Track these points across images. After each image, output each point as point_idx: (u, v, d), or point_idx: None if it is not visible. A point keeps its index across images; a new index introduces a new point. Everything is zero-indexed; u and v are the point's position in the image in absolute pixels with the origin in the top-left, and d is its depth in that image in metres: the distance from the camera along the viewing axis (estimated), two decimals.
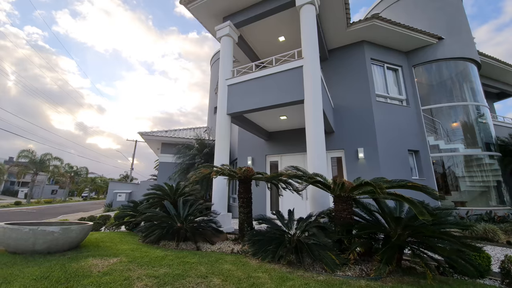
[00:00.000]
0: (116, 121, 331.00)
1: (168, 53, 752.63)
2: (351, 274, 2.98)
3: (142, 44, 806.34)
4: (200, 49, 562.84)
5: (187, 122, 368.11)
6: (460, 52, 8.60)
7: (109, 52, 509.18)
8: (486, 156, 7.85)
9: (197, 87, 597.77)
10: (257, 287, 2.45)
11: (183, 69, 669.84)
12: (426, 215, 2.44)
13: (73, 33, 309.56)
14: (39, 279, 2.22)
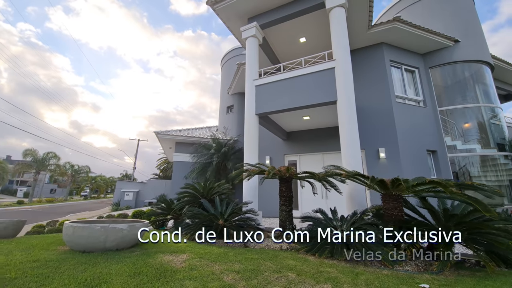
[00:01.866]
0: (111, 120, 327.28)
1: (164, 51, 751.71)
2: (410, 269, 3.12)
3: (137, 42, 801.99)
4: (196, 47, 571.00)
5: (183, 121, 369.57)
6: (475, 54, 8.83)
7: (103, 50, 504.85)
8: (501, 156, 8.10)
9: (193, 86, 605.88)
10: (333, 281, 2.57)
11: (178, 67, 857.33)
12: (492, 212, 2.58)
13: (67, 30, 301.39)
14: (133, 275, 2.30)
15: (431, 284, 2.58)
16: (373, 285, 2.50)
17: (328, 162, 9.17)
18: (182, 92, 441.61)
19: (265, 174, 4.42)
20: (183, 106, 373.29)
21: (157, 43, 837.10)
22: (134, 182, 20.79)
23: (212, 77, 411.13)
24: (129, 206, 18.13)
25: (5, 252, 2.85)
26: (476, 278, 2.73)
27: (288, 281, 2.51)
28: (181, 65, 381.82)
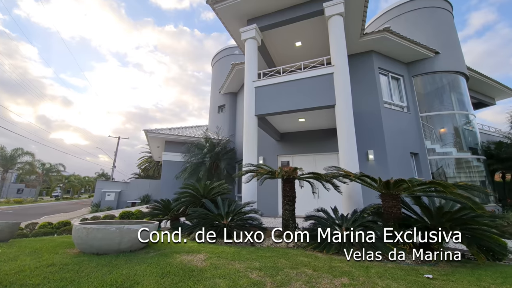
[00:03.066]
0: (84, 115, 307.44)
1: (143, 45, 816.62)
2: (409, 262, 3.42)
3: (113, 34, 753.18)
4: (178, 43, 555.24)
5: (163, 118, 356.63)
6: (453, 65, 9.67)
7: (76, 40, 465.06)
8: (474, 159, 8.96)
9: (174, 82, 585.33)
10: (348, 274, 2.76)
11: (159, 62, 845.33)
12: (484, 210, 2.93)
13: (36, 17, 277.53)
14: (162, 275, 2.31)
15: (433, 274, 2.87)
16: (384, 276, 2.72)
17: (319, 163, 9.52)
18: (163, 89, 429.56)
19: (276, 174, 4.54)
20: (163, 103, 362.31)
21: (136, 37, 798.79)
22: (116, 182, 19.88)
23: (194, 74, 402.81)
24: (110, 207, 17.33)
25: (11, 257, 2.69)
26: (469, 269, 3.07)
27: (308, 276, 2.65)
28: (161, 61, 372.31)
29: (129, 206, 18.28)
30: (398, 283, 2.56)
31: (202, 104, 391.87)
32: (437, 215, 3.70)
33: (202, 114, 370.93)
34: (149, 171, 31.39)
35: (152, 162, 31.52)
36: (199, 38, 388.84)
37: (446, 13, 10.31)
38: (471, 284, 2.55)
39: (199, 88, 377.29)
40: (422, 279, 2.71)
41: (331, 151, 9.02)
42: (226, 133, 12.24)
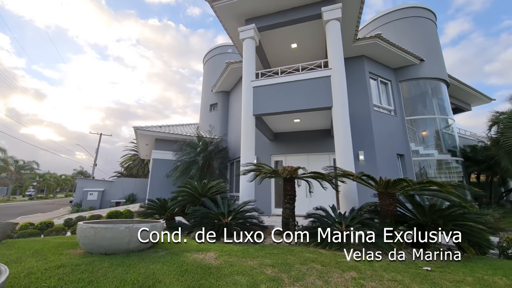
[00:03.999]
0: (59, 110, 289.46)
1: (125, 38, 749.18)
2: (407, 257, 3.65)
3: (92, 25, 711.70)
4: (162, 38, 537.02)
5: (146, 115, 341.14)
6: (436, 73, 10.31)
7: (51, 29, 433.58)
8: (453, 161, 9.62)
9: (158, 78, 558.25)
10: (355, 268, 2.91)
11: (141, 57, 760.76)
12: (474, 208, 3.20)
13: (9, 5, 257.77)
14: (182, 273, 2.30)
15: (430, 267, 3.09)
16: (388, 269, 2.90)
17: (312, 163, 9.75)
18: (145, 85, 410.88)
19: (280, 173, 4.62)
20: (145, 99, 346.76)
21: (117, 29, 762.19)
22: (99, 181, 19.04)
23: (179, 71, 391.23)
24: (92, 206, 16.61)
25: (14, 260, 2.55)
26: (461, 262, 3.33)
27: (319, 271, 2.76)
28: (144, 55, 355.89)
29: (113, 205, 17.61)
30: (402, 275, 2.75)
31: (187, 102, 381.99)
32: (429, 212, 3.97)
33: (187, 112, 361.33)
34: (132, 170, 30.34)
35: (136, 160, 30.50)
36: (185, 34, 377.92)
37: (430, 23, 10.96)
38: (466, 275, 2.79)
39: (184, 85, 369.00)
40: (422, 271, 2.92)
41: (324, 152, 9.29)
42: (218, 132, 12.17)
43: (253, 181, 6.45)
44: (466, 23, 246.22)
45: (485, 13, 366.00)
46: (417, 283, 2.54)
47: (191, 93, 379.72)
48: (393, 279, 2.62)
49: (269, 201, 9.39)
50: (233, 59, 13.19)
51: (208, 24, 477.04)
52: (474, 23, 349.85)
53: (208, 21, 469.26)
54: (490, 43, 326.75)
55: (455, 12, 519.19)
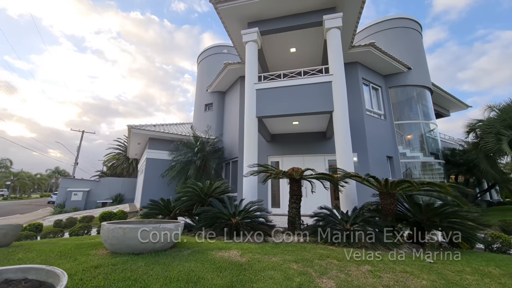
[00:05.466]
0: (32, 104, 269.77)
1: (104, 30, 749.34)
2: (408, 251, 4.00)
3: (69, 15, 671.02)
4: (145, 32, 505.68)
5: (127, 112, 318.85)
6: (422, 80, 11.05)
7: (24, 19, 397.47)
8: (436, 163, 10.38)
9: (140, 74, 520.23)
10: (369, 262, 3.17)
11: (122, 51, 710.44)
12: (469, 206, 3.60)
13: None
14: (219, 270, 2.42)
15: (431, 259, 3.44)
16: (397, 262, 3.20)
17: (308, 164, 10.01)
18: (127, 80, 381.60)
19: (292, 174, 4.82)
20: (127, 95, 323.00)
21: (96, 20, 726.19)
22: (84, 180, 18.24)
23: (163, 67, 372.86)
24: (77, 207, 15.92)
25: (42, 263, 2.52)
26: (456, 255, 3.72)
27: (337, 266, 2.99)
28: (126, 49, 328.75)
29: (99, 206, 17.00)
30: (410, 267, 3.05)
31: (171, 100, 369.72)
32: (426, 211, 4.36)
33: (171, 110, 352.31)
34: (117, 169, 29.27)
35: (120, 159, 29.47)
36: (169, 29, 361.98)
37: (417, 34, 11.72)
38: (464, 266, 3.15)
39: (168, 82, 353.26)
40: (426, 263, 3.25)
41: (319, 153, 9.66)
42: (214, 132, 12.18)
43: (255, 181, 6.64)
44: (442, 32, 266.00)
45: (461, 22, 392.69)
46: (425, 273, 2.84)
47: (176, 90, 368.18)
48: (404, 271, 2.90)
49: (266, 201, 9.58)
50: (229, 59, 13.24)
51: (193, 21, 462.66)
52: (450, 32, 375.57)
53: (193, 17, 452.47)
54: (464, 52, 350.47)
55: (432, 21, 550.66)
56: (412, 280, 2.64)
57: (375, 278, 2.65)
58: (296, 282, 2.31)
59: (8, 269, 1.70)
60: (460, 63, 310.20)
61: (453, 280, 2.68)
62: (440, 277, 2.77)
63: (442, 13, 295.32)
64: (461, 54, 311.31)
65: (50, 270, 1.69)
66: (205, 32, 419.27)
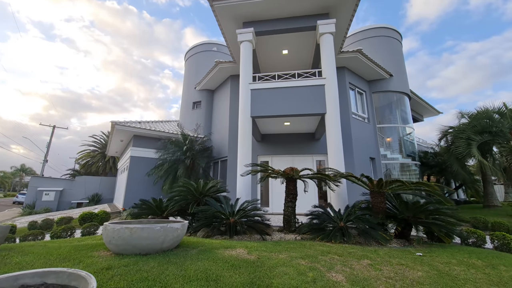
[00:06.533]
0: None
1: (76, 18, 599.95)
2: (397, 245, 4.30)
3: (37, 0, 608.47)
4: (122, 23, 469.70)
5: (101, 107, 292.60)
6: (401, 87, 11.82)
7: None
8: (412, 164, 11.17)
9: (116, 67, 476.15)
10: (367, 257, 3.38)
11: (96, 41, 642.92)
12: (451, 203, 3.97)
13: None
14: (233, 268, 2.45)
15: (420, 252, 3.75)
16: (392, 256, 3.44)
17: (297, 164, 10.21)
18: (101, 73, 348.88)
19: (291, 174, 4.93)
20: (101, 89, 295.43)
21: (67, 7, 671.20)
22: (56, 179, 16.97)
23: (141, 61, 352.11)
24: (48, 208, 14.80)
25: (45, 267, 2.38)
26: (440, 248, 4.08)
27: (340, 261, 3.15)
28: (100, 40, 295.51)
29: (74, 207, 15.97)
30: (404, 260, 3.30)
31: (149, 95, 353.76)
32: (412, 208, 4.72)
33: (149, 106, 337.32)
34: (91, 167, 27.61)
35: (96, 157, 27.86)
36: (149, 22, 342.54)
37: (398, 43, 12.51)
38: (449, 258, 3.48)
39: (146, 77, 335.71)
40: (417, 256, 3.54)
41: (307, 154, 9.93)
42: (202, 131, 12.01)
43: (249, 181, 6.69)
44: (414, 42, 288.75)
45: (432, 33, 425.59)
46: (418, 265, 3.10)
47: (155, 86, 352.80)
48: (399, 263, 3.14)
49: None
50: (219, 57, 13.13)
51: (175, 14, 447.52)
52: (422, 41, 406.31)
53: (174, 11, 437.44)
54: (434, 61, 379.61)
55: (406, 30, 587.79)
56: (409, 272, 2.87)
57: (377, 271, 2.84)
58: (309, 277, 2.42)
59: (24, 274, 1.60)
60: (430, 71, 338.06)
61: (443, 271, 2.95)
62: (432, 268, 3.04)
63: (415, 24, 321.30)
64: (430, 63, 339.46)
65: (72, 273, 1.62)
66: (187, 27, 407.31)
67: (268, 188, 9.93)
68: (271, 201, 9.74)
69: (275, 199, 9.74)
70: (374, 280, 2.56)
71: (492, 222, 6.02)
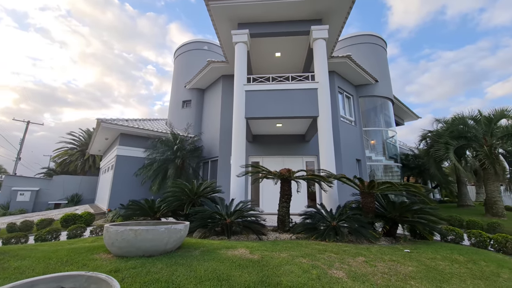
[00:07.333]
0: None
1: (52, 7, 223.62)
2: (385, 243, 4.57)
3: None
4: (102, 14, 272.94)
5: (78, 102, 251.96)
6: (386, 92, 12.42)
7: None
8: (395, 166, 11.79)
9: (95, 60, 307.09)
10: (361, 254, 3.58)
11: (73, 32, 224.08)
12: (433, 202, 4.29)
13: None
14: (241, 267, 2.53)
15: (408, 249, 4.02)
16: (383, 253, 3.67)
17: (287, 165, 10.39)
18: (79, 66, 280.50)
19: (282, 174, 5.04)
20: (78, 83, 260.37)
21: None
22: (32, 178, 15.94)
23: (123, 55, 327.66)
24: (23, 209, 13.89)
25: (48, 272, 2.30)
26: (424, 245, 4.40)
27: (338, 258, 3.32)
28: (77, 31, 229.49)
29: (51, 208, 15.11)
30: (395, 256, 3.54)
31: (131, 91, 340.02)
32: (399, 208, 5.03)
33: (130, 102, 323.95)
34: (69, 166, 26.18)
35: (74, 155, 26.45)
36: (132, 15, 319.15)
37: (383, 50, 13.13)
38: (434, 254, 3.77)
39: (128, 72, 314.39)
40: (405, 253, 3.80)
41: (298, 155, 10.16)
42: (192, 130, 11.86)
43: (243, 181, 6.76)
44: (395, 48, 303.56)
45: (411, 41, 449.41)
46: (408, 261, 3.34)
47: (137, 81, 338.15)
48: (391, 260, 3.37)
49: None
50: (210, 56, 13.03)
51: (159, 9, 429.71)
52: (401, 48, 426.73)
53: (159, 5, 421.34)
54: (412, 67, 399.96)
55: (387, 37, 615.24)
56: (401, 267, 3.09)
57: (372, 267, 3.04)
58: (314, 274, 2.54)
59: (40, 280, 1.57)
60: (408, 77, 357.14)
61: (430, 266, 3.21)
62: (420, 263, 3.29)
63: (395, 31, 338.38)
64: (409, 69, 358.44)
65: (91, 276, 1.61)
66: (173, 23, 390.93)
67: (258, 188, 10.03)
68: (261, 201, 9.84)
69: (265, 199, 9.87)
70: (372, 275, 2.74)
71: (467, 221, 6.54)
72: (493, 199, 8.58)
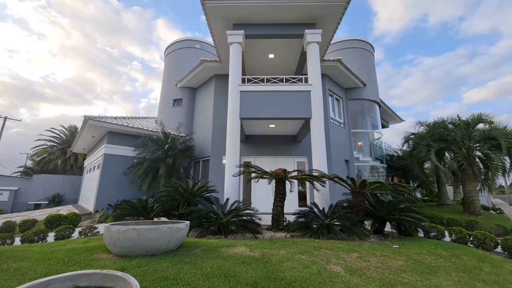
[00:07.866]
0: None
1: None
2: (375, 240, 4.82)
3: None
4: (83, 6, 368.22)
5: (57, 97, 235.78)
6: (373, 96, 12.92)
7: None
8: (381, 166, 12.30)
9: (76, 54, 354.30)
10: (354, 250, 3.76)
11: (53, 23, 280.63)
12: (420, 202, 4.58)
13: None
14: (245, 264, 2.61)
15: (396, 245, 4.27)
16: (375, 249, 3.88)
17: (279, 165, 10.50)
18: (58, 59, 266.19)
19: (277, 173, 5.15)
20: (57, 77, 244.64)
21: None
22: (10, 177, 15.06)
23: (106, 49, 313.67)
24: (2, 210, 13.13)
25: (49, 273, 2.26)
26: (410, 241, 4.68)
27: (333, 255, 3.48)
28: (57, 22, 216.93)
29: (31, 208, 14.38)
30: (386, 252, 3.76)
31: (115, 88, 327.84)
32: (387, 206, 5.30)
33: (114, 99, 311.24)
34: (49, 164, 24.95)
35: (55, 153, 25.23)
36: (117, 8, 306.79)
37: (371, 55, 13.64)
38: (420, 249, 4.04)
39: (112, 67, 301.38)
40: (394, 248, 4.03)
41: (289, 155, 10.35)
42: (184, 129, 11.73)
43: (237, 181, 6.82)
44: (380, 53, 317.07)
45: (395, 46, 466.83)
46: (398, 256, 3.57)
47: (122, 78, 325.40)
48: (382, 255, 3.58)
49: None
50: (202, 55, 12.93)
51: (145, 3, 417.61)
52: (386, 53, 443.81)
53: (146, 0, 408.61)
54: (395, 72, 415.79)
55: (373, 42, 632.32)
56: (392, 262, 3.30)
57: (366, 262, 3.22)
58: (314, 269, 2.67)
59: (55, 279, 1.57)
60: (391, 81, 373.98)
61: (418, 260, 3.45)
62: (409, 258, 3.52)
63: (380, 37, 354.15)
64: (392, 74, 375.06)
65: (107, 274, 1.63)
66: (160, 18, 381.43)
67: (250, 188, 10.11)
68: (253, 200, 9.92)
69: (257, 198, 9.96)
70: (366, 269, 2.91)
71: (446, 218, 6.99)
72: (471, 199, 9.20)
